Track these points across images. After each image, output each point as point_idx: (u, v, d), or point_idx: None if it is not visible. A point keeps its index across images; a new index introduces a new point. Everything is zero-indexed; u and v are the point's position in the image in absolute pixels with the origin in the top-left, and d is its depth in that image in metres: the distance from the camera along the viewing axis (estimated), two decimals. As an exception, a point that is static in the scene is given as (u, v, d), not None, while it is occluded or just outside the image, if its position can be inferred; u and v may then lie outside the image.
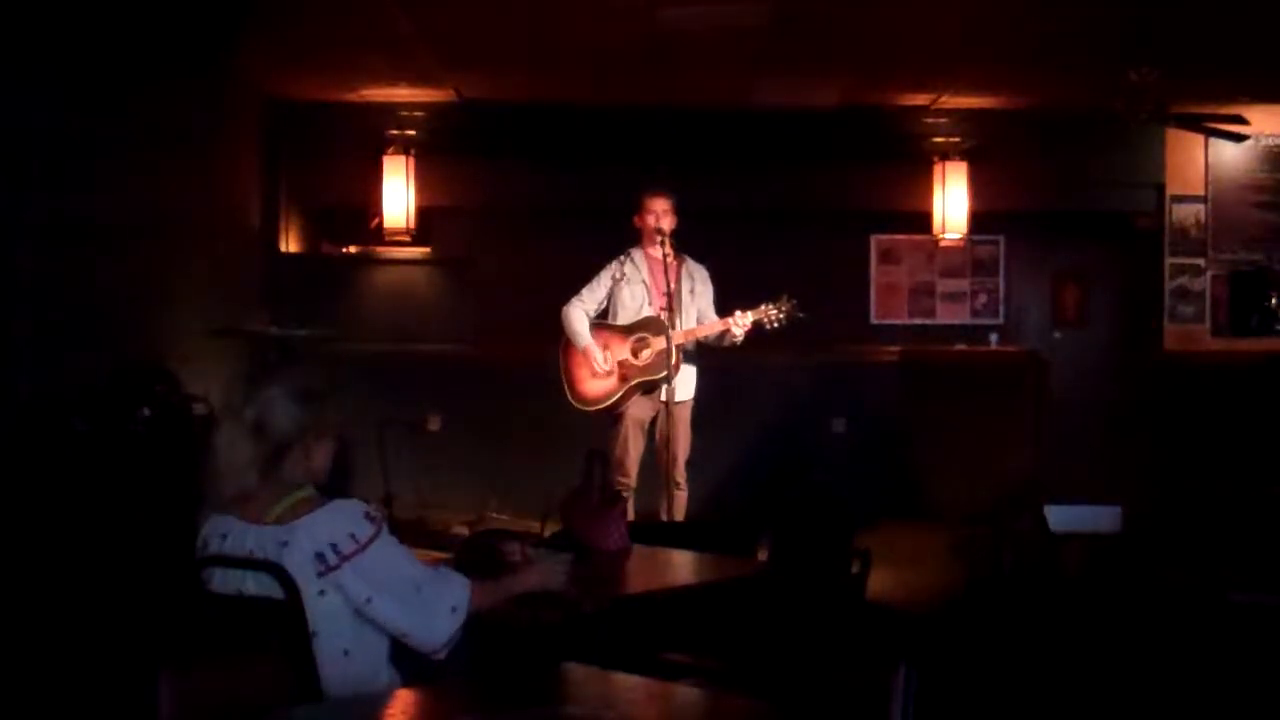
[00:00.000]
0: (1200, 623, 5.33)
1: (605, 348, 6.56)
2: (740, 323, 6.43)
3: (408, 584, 2.97)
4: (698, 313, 6.57)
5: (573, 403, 6.66)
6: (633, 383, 6.52)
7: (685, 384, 6.54)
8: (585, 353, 6.57)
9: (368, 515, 2.99)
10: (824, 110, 8.47)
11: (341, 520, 2.96)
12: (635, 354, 6.51)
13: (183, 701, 2.57)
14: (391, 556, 2.98)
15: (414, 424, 8.32)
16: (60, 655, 4.27)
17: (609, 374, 6.55)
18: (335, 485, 3.16)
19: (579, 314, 6.63)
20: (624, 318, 6.60)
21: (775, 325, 6.49)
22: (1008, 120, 8.64)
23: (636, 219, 6.58)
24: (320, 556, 2.90)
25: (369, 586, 2.92)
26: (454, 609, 3.00)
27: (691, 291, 6.54)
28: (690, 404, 6.60)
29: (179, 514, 3.21)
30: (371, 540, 2.95)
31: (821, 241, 8.79)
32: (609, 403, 6.57)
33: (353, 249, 8.77)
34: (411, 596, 2.96)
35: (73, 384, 5.39)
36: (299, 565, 2.90)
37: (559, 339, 6.71)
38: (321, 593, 2.91)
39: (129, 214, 6.23)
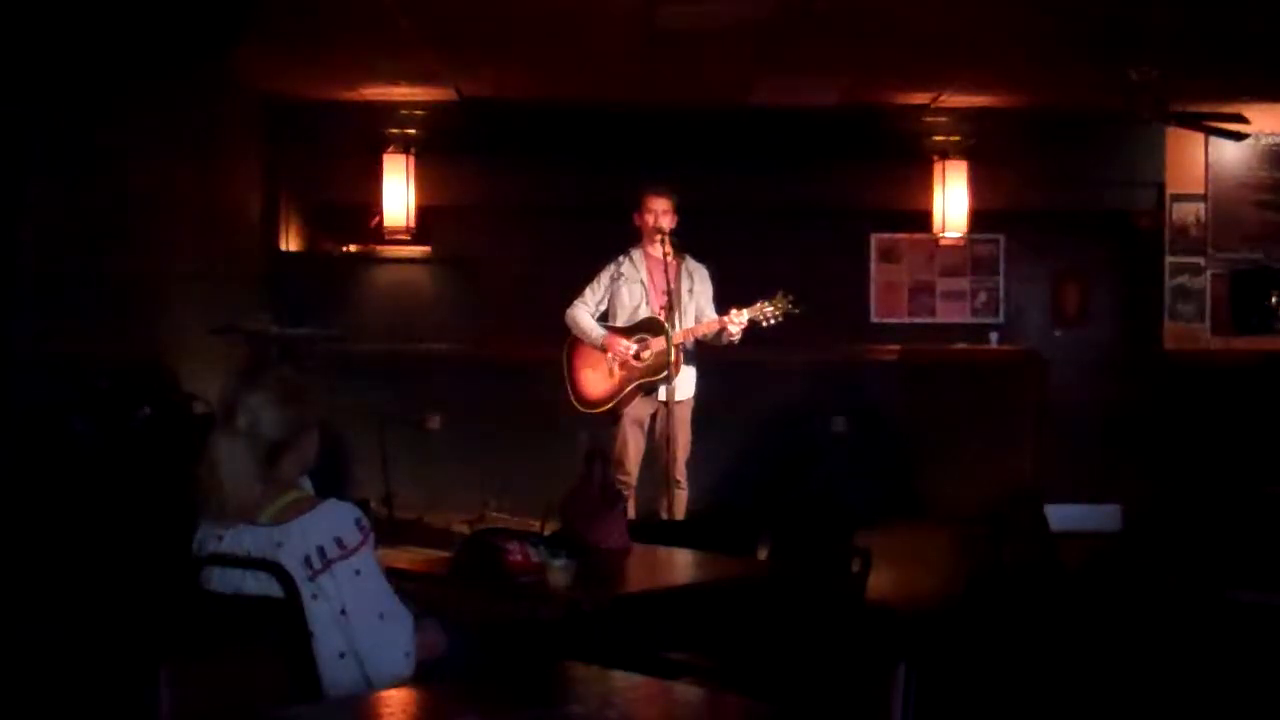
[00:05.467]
0: (1199, 622, 5.33)
1: (607, 349, 6.55)
2: (736, 321, 6.43)
3: (375, 607, 2.95)
4: (696, 311, 6.56)
5: (576, 405, 6.65)
6: (635, 383, 6.51)
7: (685, 383, 6.54)
8: (607, 343, 6.52)
9: (358, 523, 2.98)
10: (824, 109, 8.47)
11: (330, 524, 2.95)
12: (637, 355, 6.51)
13: (182, 700, 2.57)
14: (369, 573, 2.97)
15: (414, 423, 8.33)
16: (61, 653, 4.27)
17: (626, 365, 6.50)
18: (335, 484, 3.17)
19: (585, 313, 6.62)
20: (622, 317, 6.59)
21: (771, 323, 6.49)
22: (1008, 119, 8.64)
23: (636, 217, 6.58)
24: (308, 560, 2.90)
25: (343, 598, 2.91)
26: (407, 654, 2.97)
27: (690, 290, 6.53)
28: (690, 403, 6.60)
29: (178, 513, 3.21)
30: (356, 549, 2.94)
31: (821, 240, 8.79)
32: (612, 404, 6.56)
33: (353, 248, 8.77)
34: (375, 622, 2.94)
35: (73, 384, 5.39)
36: (292, 568, 2.90)
37: (562, 341, 6.71)
38: (314, 596, 2.91)
39: (129, 213, 6.24)
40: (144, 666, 2.60)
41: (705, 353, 6.69)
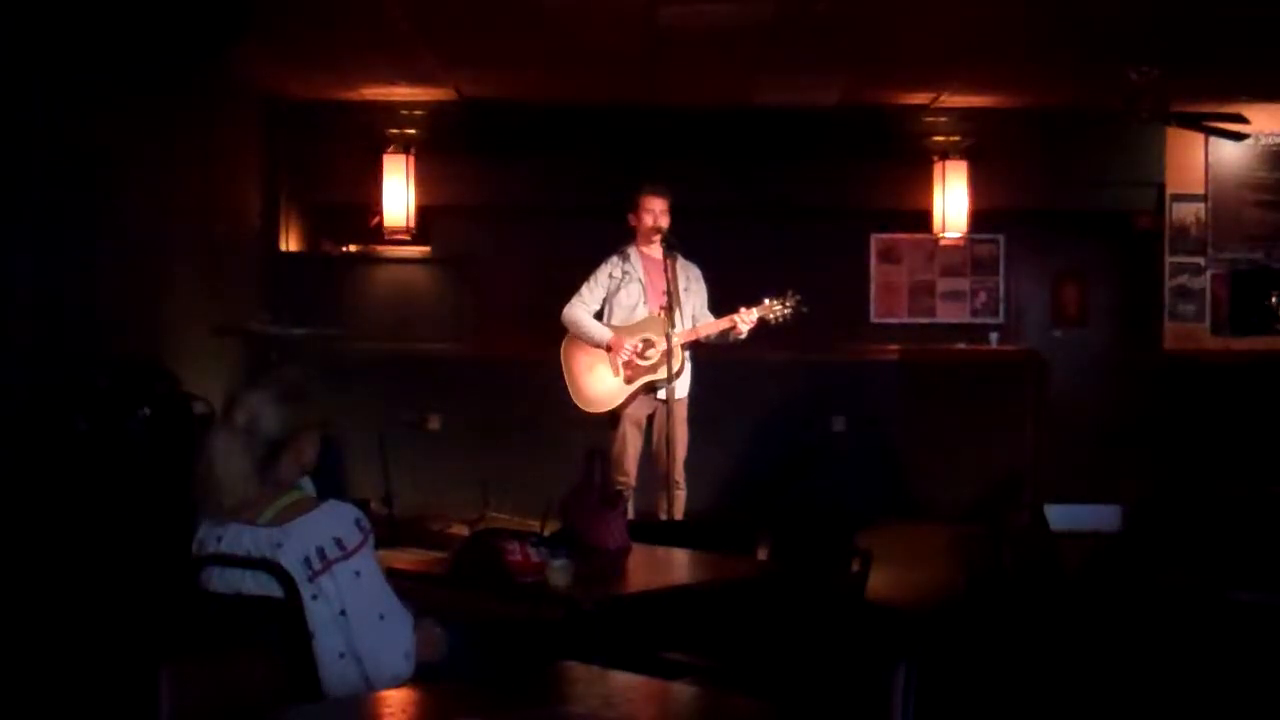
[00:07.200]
0: (1200, 622, 5.33)
1: (612, 349, 6.52)
2: (746, 320, 6.43)
3: (375, 607, 2.95)
4: (692, 310, 6.55)
5: (578, 406, 6.61)
6: (639, 383, 6.49)
7: (683, 381, 6.53)
8: (613, 343, 6.48)
9: (358, 523, 2.98)
10: (824, 109, 8.48)
11: (331, 525, 2.95)
12: (641, 355, 6.49)
13: (183, 699, 2.57)
14: (369, 574, 2.97)
15: (414, 424, 8.33)
16: (61, 653, 4.27)
17: (631, 365, 6.47)
18: (335, 484, 3.17)
19: (585, 313, 6.58)
20: (620, 317, 6.57)
21: (780, 321, 6.50)
22: (1008, 119, 8.64)
23: (632, 217, 6.56)
24: (307, 561, 2.90)
25: (342, 598, 2.91)
26: (406, 654, 2.97)
27: (685, 290, 6.51)
28: (685, 401, 6.58)
29: (178, 513, 3.21)
30: (356, 550, 2.94)
31: (821, 240, 8.79)
32: (617, 404, 6.53)
33: (353, 248, 8.77)
34: (375, 623, 2.94)
35: (73, 384, 5.38)
36: (292, 568, 2.90)
37: (559, 340, 6.69)
38: (314, 596, 2.91)
39: (129, 213, 6.24)
40: (144, 666, 2.60)
41: (705, 352, 6.68)
